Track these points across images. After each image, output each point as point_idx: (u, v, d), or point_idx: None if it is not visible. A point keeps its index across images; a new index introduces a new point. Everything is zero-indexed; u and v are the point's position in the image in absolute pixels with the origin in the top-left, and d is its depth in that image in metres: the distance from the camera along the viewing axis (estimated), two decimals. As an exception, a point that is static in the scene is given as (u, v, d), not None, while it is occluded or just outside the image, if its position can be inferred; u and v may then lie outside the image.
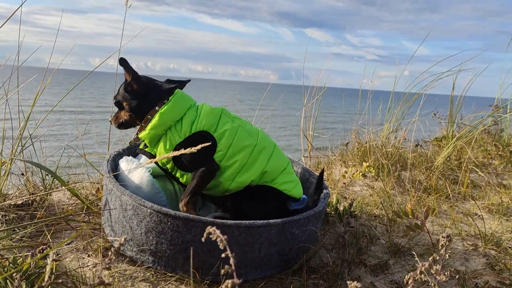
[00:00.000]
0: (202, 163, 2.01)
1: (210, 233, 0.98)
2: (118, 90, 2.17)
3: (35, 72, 2.60)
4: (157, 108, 2.07)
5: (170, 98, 2.07)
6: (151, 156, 2.11)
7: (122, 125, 2.21)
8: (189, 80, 2.27)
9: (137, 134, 2.15)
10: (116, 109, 2.23)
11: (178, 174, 2.11)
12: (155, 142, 2.07)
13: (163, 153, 2.03)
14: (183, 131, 2.02)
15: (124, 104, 2.14)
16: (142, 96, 2.11)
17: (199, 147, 1.51)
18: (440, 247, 1.31)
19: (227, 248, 0.93)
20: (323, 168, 2.38)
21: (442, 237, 1.34)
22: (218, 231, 0.96)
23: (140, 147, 2.19)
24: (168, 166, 2.09)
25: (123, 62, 2.08)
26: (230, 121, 2.11)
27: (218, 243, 0.95)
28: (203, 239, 0.99)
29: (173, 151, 1.98)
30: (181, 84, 2.23)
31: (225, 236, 0.95)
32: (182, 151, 1.48)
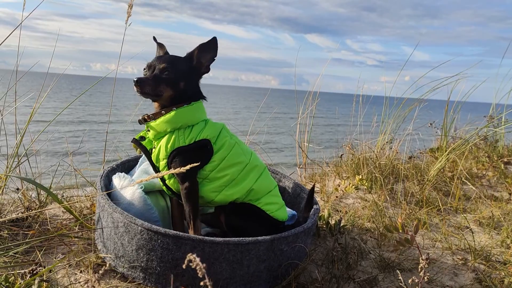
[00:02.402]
0: (189, 174, 2.03)
1: (190, 261, 1.01)
2: (176, 63, 2.05)
3: (36, 77, 2.65)
4: (185, 105, 2.06)
5: (192, 103, 2.09)
6: (145, 149, 2.13)
7: (153, 96, 2.02)
8: None
9: (144, 119, 2.09)
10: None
11: (165, 176, 2.12)
12: (159, 136, 2.06)
13: (162, 150, 2.04)
14: (190, 137, 2.03)
15: (181, 81, 2.05)
16: (196, 82, 2.13)
17: (188, 167, 1.56)
18: (419, 269, 1.35)
19: (206, 277, 0.96)
20: (314, 185, 2.42)
21: (422, 259, 1.37)
22: (198, 259, 0.99)
23: (136, 137, 2.16)
24: (161, 163, 2.07)
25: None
26: (228, 137, 2.17)
27: (197, 271, 0.98)
28: (184, 266, 1.02)
29: (172, 152, 2.02)
30: None
31: (204, 265, 0.98)
32: (180, 169, 1.52)
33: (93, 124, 20.25)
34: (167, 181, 2.15)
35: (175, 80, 2.03)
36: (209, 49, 2.10)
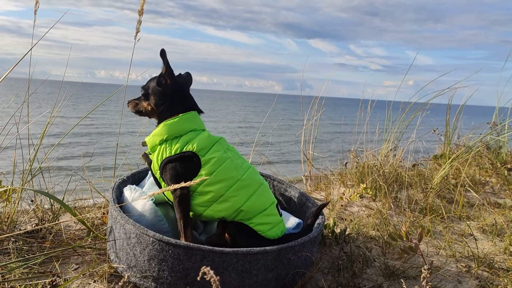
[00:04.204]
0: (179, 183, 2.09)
1: (204, 273, 1.07)
2: (148, 82, 2.27)
3: (42, 84, 2.74)
4: (171, 118, 2.20)
5: (180, 115, 2.18)
6: (151, 162, 2.23)
7: (139, 113, 2.33)
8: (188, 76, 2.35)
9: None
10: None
11: (163, 185, 2.21)
12: (154, 150, 2.20)
13: (155, 163, 2.18)
14: (175, 147, 2.13)
15: (151, 97, 2.24)
16: (169, 95, 2.21)
17: (198, 180, 1.65)
18: (422, 279, 1.41)
19: (219, 288, 1.02)
20: (327, 202, 2.47)
21: (424, 269, 1.43)
22: (212, 272, 1.05)
23: (147, 152, 2.28)
24: (157, 175, 2.20)
25: (163, 53, 2.17)
26: (222, 151, 2.19)
27: (212, 284, 1.04)
28: (198, 278, 1.09)
29: (161, 163, 2.13)
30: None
31: (218, 277, 1.04)
32: (182, 184, 1.60)
33: (103, 135, 20.32)
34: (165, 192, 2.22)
35: (149, 97, 2.25)
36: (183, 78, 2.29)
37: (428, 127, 5.10)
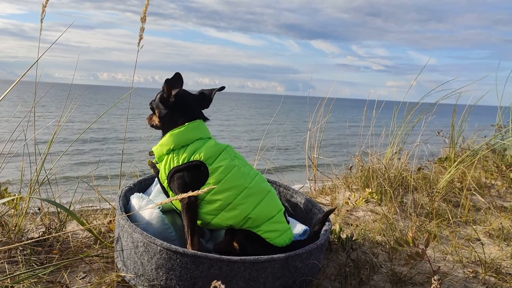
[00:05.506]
0: (187, 191, 2.10)
1: (215, 287, 1.07)
2: (155, 97, 2.34)
3: (45, 87, 2.76)
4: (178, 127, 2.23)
5: (186, 124, 2.21)
6: (158, 171, 2.26)
7: (153, 127, 2.40)
8: (223, 87, 2.37)
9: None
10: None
11: (171, 194, 2.23)
12: (161, 159, 2.22)
13: (162, 171, 2.20)
14: (183, 157, 2.14)
15: (156, 111, 2.32)
16: (171, 107, 2.26)
17: (206, 190, 1.66)
18: (431, 289, 1.40)
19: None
20: (334, 208, 2.47)
21: (434, 279, 1.43)
22: (223, 286, 1.06)
23: (154, 161, 2.32)
24: (165, 184, 2.22)
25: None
26: (229, 159, 2.19)
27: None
28: (209, 292, 1.09)
29: (169, 173, 2.15)
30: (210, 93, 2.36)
31: (229, 292, 1.04)
32: (190, 193, 1.61)
33: (110, 140, 20.30)
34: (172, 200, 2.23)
35: (154, 111, 2.33)
36: (174, 83, 2.26)
37: (432, 129, 5.08)
